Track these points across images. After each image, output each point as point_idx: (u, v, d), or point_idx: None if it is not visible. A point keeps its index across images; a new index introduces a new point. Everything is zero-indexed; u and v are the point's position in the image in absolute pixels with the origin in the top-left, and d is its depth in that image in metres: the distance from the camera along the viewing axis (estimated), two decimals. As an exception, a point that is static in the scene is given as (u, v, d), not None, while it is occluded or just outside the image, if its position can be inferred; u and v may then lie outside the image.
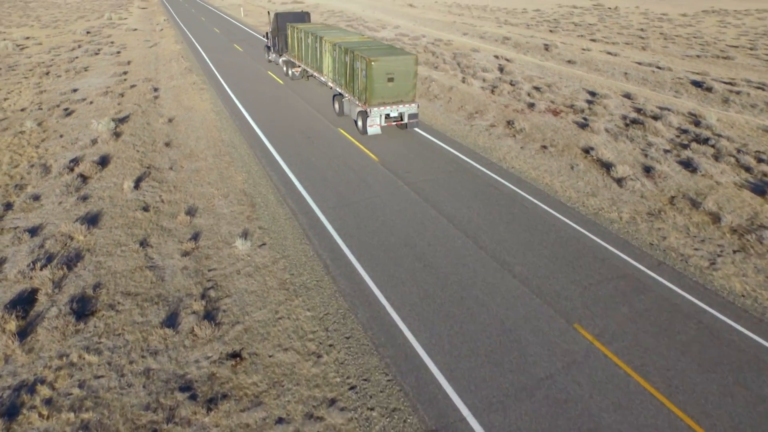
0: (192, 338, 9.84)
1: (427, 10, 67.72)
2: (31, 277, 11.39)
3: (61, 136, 20.90)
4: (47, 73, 33.27)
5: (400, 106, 20.21)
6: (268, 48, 34.72)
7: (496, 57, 36.20)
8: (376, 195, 15.29)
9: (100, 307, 10.64)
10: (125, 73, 32.51)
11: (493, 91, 26.91)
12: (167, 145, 19.84)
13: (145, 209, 14.75)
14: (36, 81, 31.49)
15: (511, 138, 20.73)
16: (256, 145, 19.45)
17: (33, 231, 13.53)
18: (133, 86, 28.96)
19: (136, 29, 54.67)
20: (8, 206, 15.02)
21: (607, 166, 17.66)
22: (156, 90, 28.15)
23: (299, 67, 29.05)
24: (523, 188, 16.07)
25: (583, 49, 39.93)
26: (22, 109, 25.23)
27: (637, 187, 16.11)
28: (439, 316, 10.32)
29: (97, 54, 39.60)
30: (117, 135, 20.65)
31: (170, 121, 22.70)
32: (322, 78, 24.86)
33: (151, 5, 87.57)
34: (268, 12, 38.14)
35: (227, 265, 12.20)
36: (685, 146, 19.44)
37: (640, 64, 34.47)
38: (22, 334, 9.80)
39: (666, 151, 19.00)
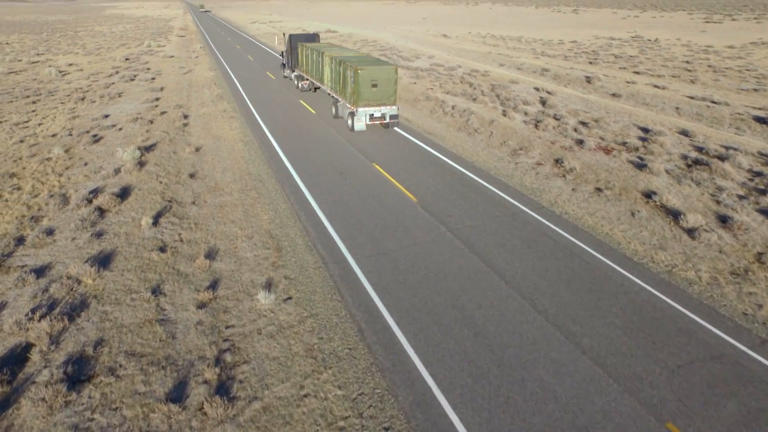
0: (201, 418, 8.25)
1: (461, 41, 67.13)
2: (27, 329, 10.08)
3: (86, 164, 20.14)
4: (83, 99, 33.35)
5: (383, 107, 23.94)
6: (283, 65, 39.47)
7: (537, 89, 34.66)
8: (415, 242, 13.65)
9: (99, 371, 9.18)
10: (157, 99, 32.25)
11: (537, 126, 25.25)
12: (192, 176, 18.78)
13: (162, 250, 13.47)
14: (71, 106, 31.49)
15: (560, 178, 18.93)
16: (285, 180, 18.18)
17: (40, 271, 12.36)
18: (163, 113, 28.48)
19: (172, 56, 55.57)
20: (20, 241, 13.98)
21: (673, 214, 15.64)
22: (186, 117, 27.56)
23: (307, 80, 33.33)
24: (581, 238, 14.19)
25: (628, 82, 38.05)
26: (53, 135, 24.86)
27: (713, 240, 14.03)
28: (497, 402, 8.47)
29: (132, 80, 39.86)
30: (141, 164, 19.75)
31: (197, 150, 21.78)
32: (324, 87, 28.63)
33: (190, 33, 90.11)
34: (284, 34, 40.77)
35: (247, 321, 10.67)
36: (763, 192, 17.25)
37: (692, 98, 32.35)
38: (4, 404, 8.39)
39: (741, 197, 16.86)
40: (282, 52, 39.51)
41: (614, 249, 13.66)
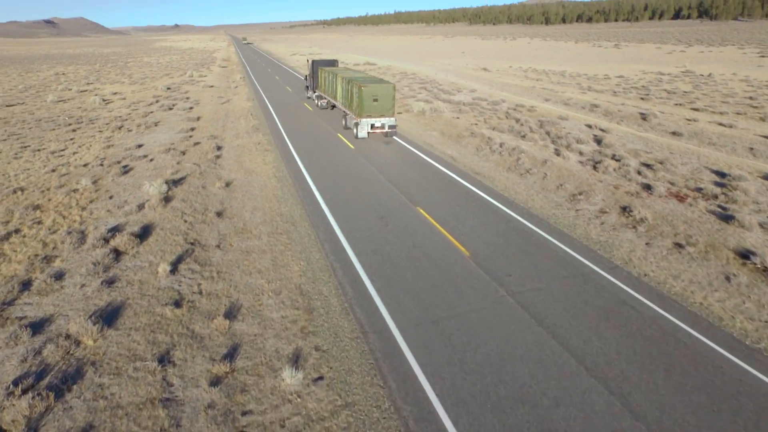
0: None
1: (502, 75, 65.66)
2: (3, 409, 8.39)
3: (111, 197, 19.03)
4: (120, 127, 33.13)
5: (383, 118, 27.91)
6: (307, 87, 44.82)
7: (589, 126, 32.35)
8: (471, 308, 11.47)
9: (81, 475, 7.33)
10: (192, 129, 31.63)
11: (595, 168, 22.90)
12: (219, 215, 17.30)
13: (178, 304, 11.77)
14: (108, 135, 31.20)
15: (630, 230, 16.48)
16: (319, 224, 16.43)
17: (38, 326, 10.80)
18: (196, 144, 27.63)
19: (212, 86, 56.14)
20: (26, 285, 12.59)
21: (780, 281, 12.95)
22: (219, 149, 26.56)
23: (325, 98, 37.78)
24: (670, 309, 11.69)
25: (688, 120, 35.26)
26: (85, 165, 24.17)
27: (840, 318, 11.29)
28: None
29: (170, 109, 39.81)
30: (167, 200, 18.46)
31: (227, 185, 20.44)
32: (336, 103, 33.32)
33: (231, 64, 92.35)
34: (307, 60, 45.34)
35: (268, 407, 8.69)
36: None
37: (766, 137, 29.33)
38: None
39: None
40: (306, 76, 45.14)
41: (715, 326, 11.10)
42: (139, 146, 27.33)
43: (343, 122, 31.27)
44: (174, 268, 13.38)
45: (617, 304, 11.80)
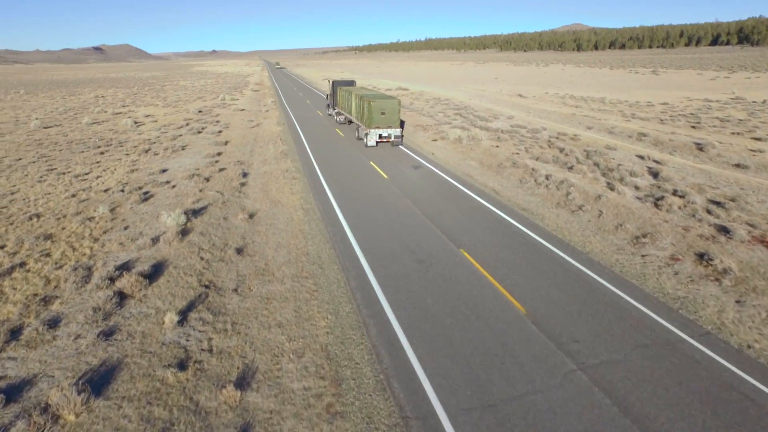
0: None
1: (538, 101, 63.48)
2: None
3: (126, 228, 17.67)
4: (147, 151, 32.43)
5: (389, 129, 31.92)
6: (328, 105, 49.24)
7: (641, 157, 29.78)
8: (535, 388, 9.22)
9: None
10: (219, 154, 30.57)
11: (656, 205, 20.39)
12: (239, 252, 15.63)
13: (182, 366, 9.96)
14: (134, 158, 30.44)
15: (713, 283, 13.95)
16: (350, 267, 14.50)
17: (15, 392, 9.14)
18: (222, 170, 26.40)
19: (243, 109, 55.89)
20: (16, 333, 11.05)
21: None
22: (245, 176, 25.22)
23: (343, 114, 42.00)
24: (793, 397, 9.17)
25: (752, 150, 32.24)
26: (106, 190, 23.14)
27: None
28: None
29: (200, 132, 39.18)
30: (185, 233, 16.95)
31: (251, 217, 18.87)
32: (352, 117, 37.18)
33: (264, 88, 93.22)
34: (328, 80, 51.08)
35: None
36: None
37: None
38: None
39: None
40: (327, 95, 51.14)
41: None
42: (164, 171, 26.29)
43: (356, 133, 35.89)
44: (183, 317, 11.64)
45: (723, 390, 9.35)
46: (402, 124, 37.86)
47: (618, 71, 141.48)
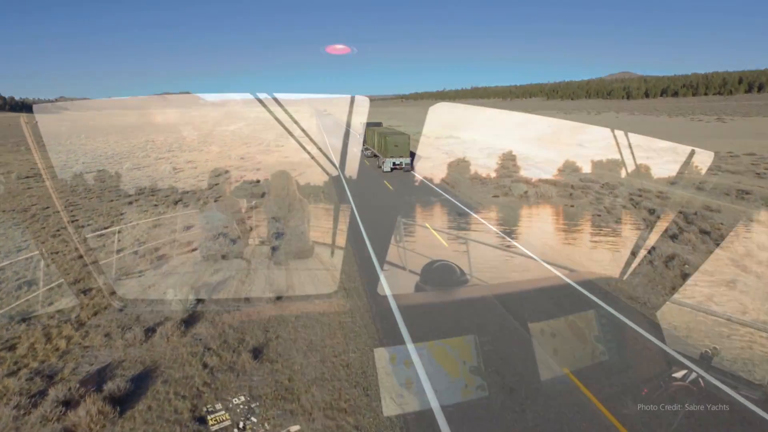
0: None
1: (601, 150, 58.36)
2: None
3: (121, 309, 14.09)
4: (177, 202, 29.78)
5: (401, 158, 40.60)
6: (363, 142, 54.12)
7: (752, 221, 24.23)
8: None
9: None
10: (253, 208, 27.40)
11: (820, 297, 14.99)
12: (256, 355, 11.56)
13: None
14: (161, 210, 27.72)
15: None
16: (409, 399, 10.04)
17: None
18: (254, 228, 22.99)
19: (287, 156, 53.81)
20: None
21: None
22: (278, 236, 21.62)
23: (369, 149, 49.35)
24: None
25: None
26: (120, 251, 20.02)
27: None
28: None
29: (237, 182, 36.65)
30: (189, 322, 13.13)
31: (278, 298, 14.93)
32: (374, 151, 46.23)
33: (310, 134, 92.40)
34: (361, 123, 57.16)
35: None
36: None
37: None
38: None
39: None
40: (364, 136, 56.61)
41: None
42: (188, 228, 23.16)
43: (378, 162, 43.31)
44: (152, 489, 7.50)
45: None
46: (412, 154, 44.05)
47: (677, 119, 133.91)
